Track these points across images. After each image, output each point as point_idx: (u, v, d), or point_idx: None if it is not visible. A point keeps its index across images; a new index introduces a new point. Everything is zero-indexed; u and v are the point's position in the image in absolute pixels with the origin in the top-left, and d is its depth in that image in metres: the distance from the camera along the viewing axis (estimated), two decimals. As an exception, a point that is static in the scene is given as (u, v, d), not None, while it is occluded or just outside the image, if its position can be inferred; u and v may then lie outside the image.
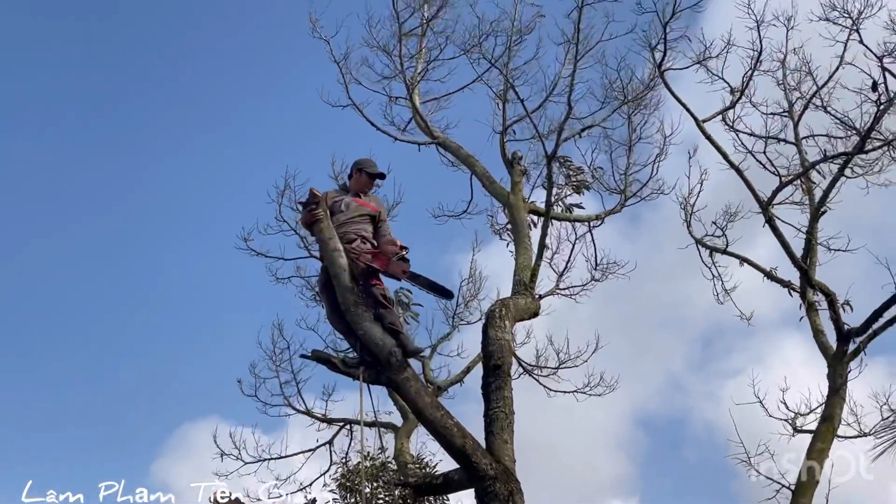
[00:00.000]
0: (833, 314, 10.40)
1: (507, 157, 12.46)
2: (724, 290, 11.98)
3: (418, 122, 13.23)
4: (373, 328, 7.77)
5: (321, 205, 7.96)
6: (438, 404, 7.90)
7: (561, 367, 14.08)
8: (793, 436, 11.11)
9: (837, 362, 10.34)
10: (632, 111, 12.93)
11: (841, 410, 10.22)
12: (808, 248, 10.92)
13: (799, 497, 9.41)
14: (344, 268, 7.87)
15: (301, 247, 14.01)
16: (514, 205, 11.74)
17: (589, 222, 12.91)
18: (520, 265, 10.66)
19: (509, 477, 7.81)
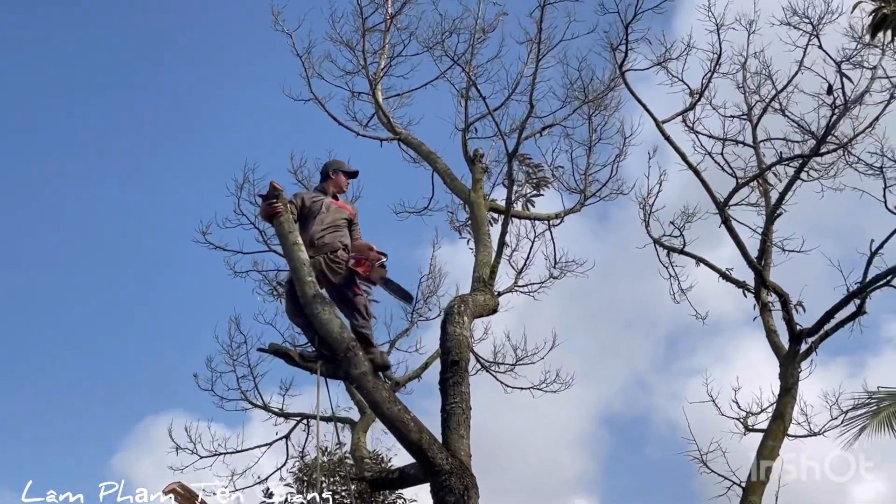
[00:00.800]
0: (786, 315, 10.56)
1: (469, 155, 12.49)
2: (681, 290, 12.10)
3: (380, 117, 13.20)
4: (331, 322, 7.76)
5: (281, 198, 7.94)
6: (395, 399, 7.88)
7: (518, 363, 14.19)
8: (744, 434, 11.27)
9: (789, 362, 10.50)
10: (592, 111, 13.04)
11: (792, 409, 10.38)
12: (764, 250, 11.07)
13: (749, 495, 9.54)
14: (304, 262, 7.86)
15: (260, 241, 13.96)
16: (475, 202, 11.77)
17: (548, 221, 13.00)
18: (479, 262, 10.68)
19: (465, 472, 7.81)
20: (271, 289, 14.10)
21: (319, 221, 8.22)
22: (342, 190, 8.68)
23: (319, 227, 8.20)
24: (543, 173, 13.24)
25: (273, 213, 7.91)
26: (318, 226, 8.21)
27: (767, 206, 11.53)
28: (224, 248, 13.99)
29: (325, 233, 8.20)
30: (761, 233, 11.07)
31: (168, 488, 7.29)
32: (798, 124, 11.03)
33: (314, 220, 8.23)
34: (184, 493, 7.28)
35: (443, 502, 7.65)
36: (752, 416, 11.36)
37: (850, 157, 11.15)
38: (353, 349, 7.68)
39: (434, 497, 7.78)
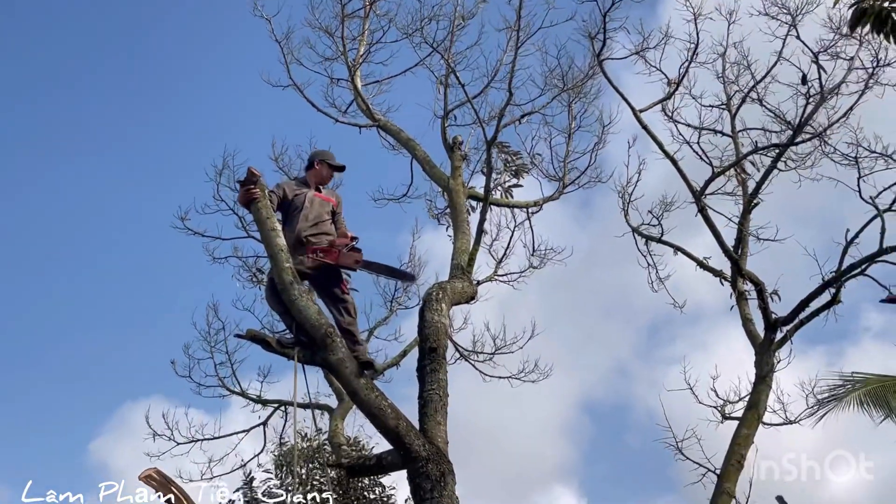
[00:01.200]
0: (761, 303, 10.62)
1: (448, 142, 12.48)
2: (659, 279, 12.16)
3: (360, 104, 13.16)
4: (308, 308, 7.75)
5: (259, 184, 7.92)
6: (373, 386, 7.88)
7: (496, 353, 14.22)
8: (721, 422, 11.33)
9: (765, 350, 10.57)
10: (572, 99, 13.06)
11: (767, 398, 10.45)
12: (740, 239, 11.14)
13: (723, 482, 9.62)
14: (281, 248, 7.84)
15: (239, 227, 13.92)
16: (454, 189, 11.76)
17: (527, 209, 13.03)
18: (458, 249, 10.68)
19: (442, 458, 7.84)
20: (250, 275, 14.09)
21: (304, 217, 8.19)
22: (324, 182, 8.63)
23: (305, 223, 8.18)
24: (522, 161, 13.28)
25: (251, 199, 7.88)
26: (303, 222, 8.18)
27: (744, 196, 11.59)
28: (203, 234, 13.96)
29: (312, 230, 8.18)
30: (738, 222, 11.13)
31: (144, 474, 7.25)
32: (775, 114, 11.10)
33: (299, 216, 8.20)
34: (159, 480, 7.25)
35: (419, 489, 7.69)
36: (729, 404, 11.43)
37: (826, 147, 11.25)
38: (330, 335, 7.68)
39: (411, 483, 7.82)
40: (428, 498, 7.62)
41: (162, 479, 7.26)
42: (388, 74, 13.44)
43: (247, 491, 18.03)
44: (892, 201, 11.07)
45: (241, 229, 13.93)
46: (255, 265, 14.12)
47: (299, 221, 8.18)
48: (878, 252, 10.63)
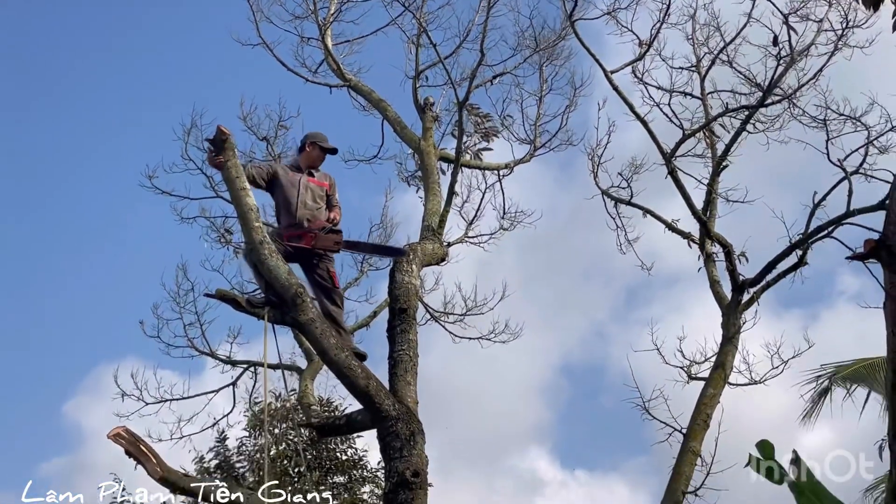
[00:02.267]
0: (729, 265, 10.72)
1: (420, 103, 12.44)
2: (628, 241, 12.23)
3: (330, 64, 13.07)
4: (278, 269, 7.72)
5: (228, 142, 7.83)
6: (342, 346, 7.88)
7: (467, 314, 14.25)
8: (687, 383, 11.47)
9: (731, 312, 10.68)
10: (543, 61, 13.03)
11: (733, 358, 10.58)
12: (709, 201, 11.20)
13: (689, 441, 9.74)
14: (252, 207, 7.78)
15: (207, 187, 13.79)
16: (425, 151, 11.75)
17: (498, 171, 13.03)
18: (428, 211, 10.68)
19: (411, 418, 7.89)
20: (219, 236, 13.99)
21: (302, 204, 8.18)
22: (315, 164, 8.54)
23: (303, 209, 8.16)
24: (492, 124, 13.27)
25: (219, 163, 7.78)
26: (301, 209, 8.16)
27: (714, 158, 11.65)
28: (171, 194, 13.82)
29: (307, 213, 8.15)
30: (707, 184, 11.19)
31: (112, 433, 7.22)
32: (745, 76, 11.13)
33: (296, 202, 8.17)
34: (128, 438, 7.23)
35: (389, 447, 7.74)
36: (695, 364, 11.55)
37: (795, 109, 11.30)
38: (300, 295, 7.66)
39: (381, 442, 7.86)
40: (398, 457, 7.67)
41: (131, 437, 7.23)
42: (360, 34, 13.39)
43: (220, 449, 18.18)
44: (860, 164, 11.19)
45: (209, 189, 13.81)
46: (223, 226, 14.02)
47: (299, 208, 8.16)
48: (846, 214, 10.75)
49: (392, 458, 7.71)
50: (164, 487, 7.45)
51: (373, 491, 18.33)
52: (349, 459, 18.46)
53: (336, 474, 18.35)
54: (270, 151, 13.64)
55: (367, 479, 18.51)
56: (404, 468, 7.60)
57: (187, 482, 7.54)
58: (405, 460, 7.64)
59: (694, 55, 12.18)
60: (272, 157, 13.67)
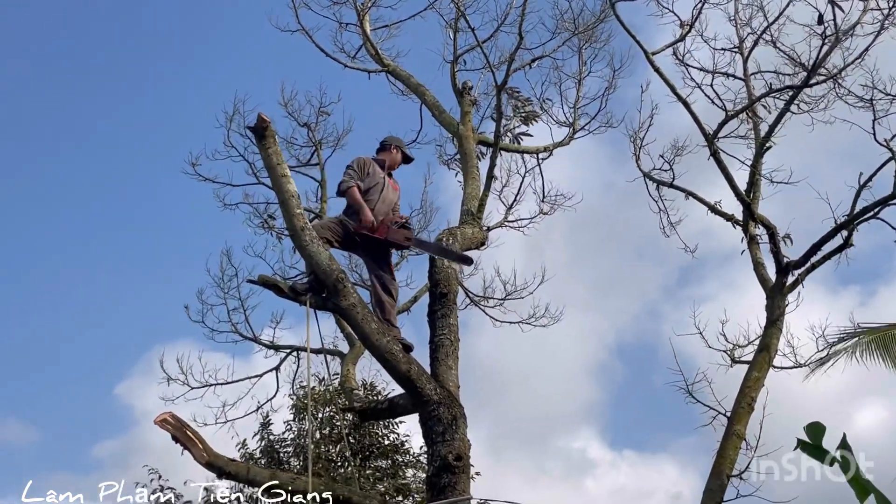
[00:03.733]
0: (773, 247, 10.57)
1: (458, 87, 12.41)
2: (670, 224, 12.12)
3: (368, 49, 13.06)
4: (320, 254, 7.74)
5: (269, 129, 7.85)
6: (384, 331, 7.92)
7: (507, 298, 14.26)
8: (731, 366, 11.37)
9: (776, 294, 10.55)
10: (582, 44, 12.95)
11: (777, 341, 10.45)
12: (753, 182, 11.06)
13: (734, 424, 9.66)
14: (293, 194, 7.81)
15: (249, 173, 13.89)
16: (464, 135, 11.71)
17: (537, 154, 12.97)
18: (468, 195, 10.67)
19: (453, 402, 7.89)
20: (261, 221, 14.09)
21: (382, 199, 8.32)
22: (394, 168, 8.73)
23: (381, 204, 8.29)
24: (532, 108, 13.20)
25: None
26: (381, 204, 8.30)
27: (757, 139, 11.48)
28: (213, 181, 13.94)
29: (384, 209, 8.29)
30: (750, 165, 11.04)
31: (159, 418, 7.31)
32: (788, 56, 10.93)
33: (377, 197, 8.31)
34: (174, 423, 7.31)
35: (431, 432, 7.75)
36: (738, 348, 11.44)
37: (841, 89, 11.08)
38: (342, 280, 7.67)
39: (423, 427, 7.87)
40: (440, 441, 7.69)
41: (177, 422, 7.30)
42: (398, 19, 13.37)
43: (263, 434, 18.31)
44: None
45: (251, 175, 13.91)
46: (265, 212, 14.12)
47: (378, 203, 8.27)
48: (892, 195, 10.55)
49: (434, 443, 7.73)
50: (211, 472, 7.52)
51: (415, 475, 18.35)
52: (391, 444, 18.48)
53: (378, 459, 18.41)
54: (311, 137, 13.70)
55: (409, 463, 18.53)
56: (447, 452, 7.61)
57: (233, 466, 7.61)
58: (447, 444, 7.65)
59: (737, 36, 12.02)
60: (313, 143, 13.73)
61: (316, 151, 13.91)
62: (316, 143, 13.83)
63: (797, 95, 10.74)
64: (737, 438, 9.54)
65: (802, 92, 10.86)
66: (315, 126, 13.90)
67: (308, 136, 13.86)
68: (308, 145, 13.83)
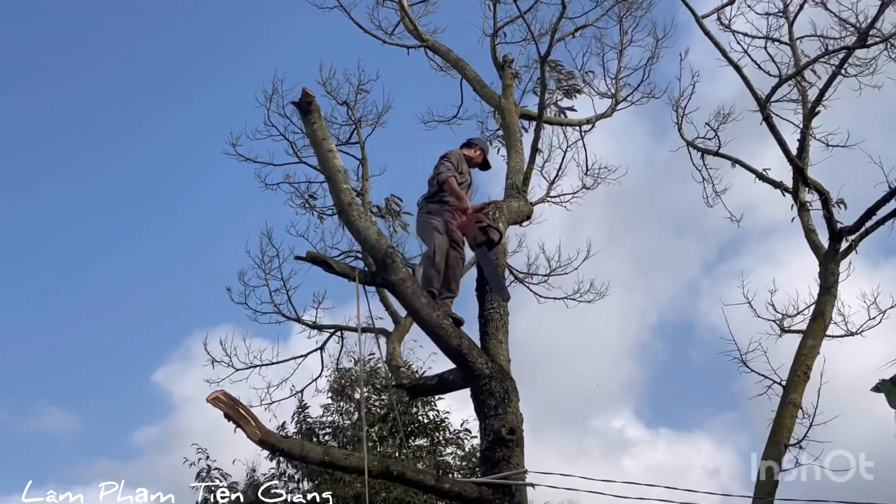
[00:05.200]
0: (826, 213, 10.40)
1: (498, 61, 12.32)
2: (715, 193, 11.96)
3: (406, 25, 12.99)
4: (368, 230, 7.70)
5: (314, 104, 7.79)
6: (434, 305, 7.86)
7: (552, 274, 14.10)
8: (780, 336, 11.22)
9: (829, 261, 10.39)
10: (623, 13, 12.78)
11: (832, 308, 10.30)
12: (802, 148, 10.87)
13: (790, 393, 9.54)
14: (339, 169, 7.77)
15: (290, 153, 13.82)
16: (506, 108, 11.63)
17: (580, 127, 12.85)
18: (512, 169, 10.59)
19: (505, 376, 7.85)
20: (303, 201, 14.03)
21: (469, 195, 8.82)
22: (473, 165, 9.10)
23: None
24: (574, 81, 13.08)
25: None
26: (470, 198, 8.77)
27: (804, 105, 11.25)
28: (254, 161, 13.87)
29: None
30: (801, 130, 10.84)
31: (212, 396, 7.29)
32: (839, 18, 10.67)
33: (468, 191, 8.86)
34: (227, 401, 7.30)
35: (484, 406, 7.72)
36: (787, 318, 11.28)
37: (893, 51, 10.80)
38: (391, 255, 7.63)
39: (475, 401, 7.84)
40: (493, 415, 7.65)
41: (230, 400, 7.29)
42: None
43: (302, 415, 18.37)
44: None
45: (291, 155, 13.84)
46: (307, 191, 14.06)
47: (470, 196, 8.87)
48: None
49: (487, 417, 7.69)
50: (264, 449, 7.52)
51: (455, 453, 18.37)
52: (431, 422, 18.51)
53: (418, 437, 18.42)
54: (351, 115, 13.62)
55: (449, 440, 18.55)
56: (500, 426, 7.58)
57: (286, 444, 7.60)
58: (500, 418, 7.62)
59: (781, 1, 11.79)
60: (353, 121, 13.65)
61: (356, 129, 13.81)
62: (356, 121, 13.74)
63: (848, 58, 10.52)
64: (793, 407, 9.42)
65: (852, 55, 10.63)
66: (354, 104, 13.80)
67: (347, 115, 13.76)
68: (347, 123, 13.73)
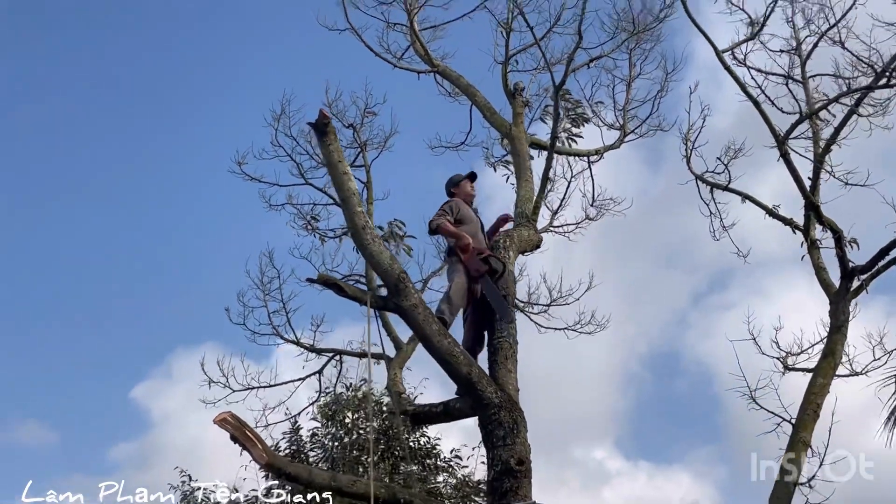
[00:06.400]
0: (839, 251, 10.37)
1: (509, 89, 12.33)
2: (723, 227, 11.92)
3: (417, 49, 12.99)
4: (381, 254, 7.65)
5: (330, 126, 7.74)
6: (445, 332, 7.80)
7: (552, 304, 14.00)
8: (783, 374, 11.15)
9: (840, 299, 10.35)
10: (632, 45, 12.79)
11: (842, 347, 10.25)
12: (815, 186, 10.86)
13: (800, 431, 9.47)
14: (354, 192, 7.73)
15: (295, 174, 13.74)
16: (516, 136, 11.61)
17: (588, 157, 12.81)
18: (521, 197, 10.57)
19: (513, 406, 7.81)
20: (305, 223, 13.92)
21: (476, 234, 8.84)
22: (470, 196, 9.18)
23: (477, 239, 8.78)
24: (583, 110, 13.08)
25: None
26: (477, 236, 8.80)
27: (816, 143, 11.27)
28: (260, 180, 13.76)
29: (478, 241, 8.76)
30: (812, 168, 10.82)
31: (219, 417, 7.22)
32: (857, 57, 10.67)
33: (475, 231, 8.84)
34: (234, 423, 7.22)
35: (492, 436, 7.67)
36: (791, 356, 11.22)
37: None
38: (403, 280, 7.58)
39: (483, 430, 7.79)
40: (501, 445, 7.62)
41: (238, 422, 7.22)
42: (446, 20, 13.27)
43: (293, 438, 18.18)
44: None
45: (297, 176, 13.74)
46: (310, 213, 13.96)
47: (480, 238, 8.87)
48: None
49: (495, 447, 7.65)
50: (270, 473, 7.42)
51: (446, 480, 18.21)
52: (421, 448, 18.35)
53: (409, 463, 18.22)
54: (357, 138, 13.55)
55: (440, 468, 18.38)
56: (508, 456, 7.55)
57: (293, 468, 7.53)
58: (509, 448, 7.58)
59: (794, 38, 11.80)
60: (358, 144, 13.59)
61: (361, 153, 13.72)
62: (361, 144, 13.67)
63: (865, 97, 10.53)
64: (802, 445, 9.35)
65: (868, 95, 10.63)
66: (360, 127, 13.73)
67: (353, 138, 13.68)
68: (353, 146, 13.65)
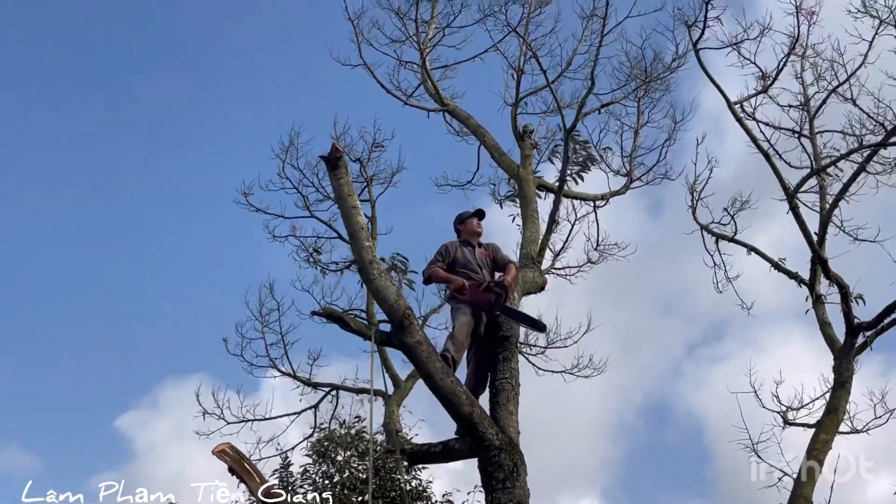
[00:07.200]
0: (845, 307, 10.35)
1: (518, 130, 12.39)
2: (727, 279, 11.91)
3: (428, 88, 13.07)
4: (387, 289, 7.61)
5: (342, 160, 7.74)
6: (448, 371, 7.76)
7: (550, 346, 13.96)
8: (783, 428, 11.10)
9: (844, 355, 10.32)
10: (641, 95, 12.87)
11: (846, 403, 10.20)
12: (822, 240, 10.86)
13: (801, 487, 9.39)
14: (362, 226, 7.72)
15: (300, 206, 13.74)
16: (524, 178, 11.65)
17: (594, 202, 12.84)
18: (527, 238, 10.60)
19: (514, 448, 7.77)
20: (307, 255, 13.91)
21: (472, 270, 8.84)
22: (474, 234, 9.18)
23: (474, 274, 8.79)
24: (590, 151, 13.13)
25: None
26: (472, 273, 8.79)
27: (822, 197, 11.29)
28: (265, 211, 13.76)
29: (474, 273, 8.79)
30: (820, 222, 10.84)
31: (218, 449, 7.15)
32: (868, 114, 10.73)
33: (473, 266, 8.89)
34: (233, 455, 7.15)
35: (492, 478, 7.61)
36: (791, 410, 11.17)
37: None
38: (408, 317, 7.54)
39: (482, 473, 7.72)
40: (500, 488, 7.56)
41: (236, 454, 7.16)
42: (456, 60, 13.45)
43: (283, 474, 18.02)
44: None
45: (301, 208, 13.75)
46: (312, 245, 13.95)
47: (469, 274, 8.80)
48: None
49: (495, 489, 7.59)
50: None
51: (437, 522, 18.06)
52: (413, 490, 18.20)
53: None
54: (363, 173, 13.59)
55: (432, 510, 18.24)
56: (507, 500, 7.51)
57: (289, 502, 7.43)
58: (508, 492, 7.53)
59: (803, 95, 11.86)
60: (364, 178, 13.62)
61: (367, 187, 13.77)
62: (367, 178, 13.71)
63: (875, 154, 10.58)
64: (804, 500, 9.28)
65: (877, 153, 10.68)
66: (367, 161, 13.78)
67: (360, 171, 13.71)
68: (359, 181, 13.67)
